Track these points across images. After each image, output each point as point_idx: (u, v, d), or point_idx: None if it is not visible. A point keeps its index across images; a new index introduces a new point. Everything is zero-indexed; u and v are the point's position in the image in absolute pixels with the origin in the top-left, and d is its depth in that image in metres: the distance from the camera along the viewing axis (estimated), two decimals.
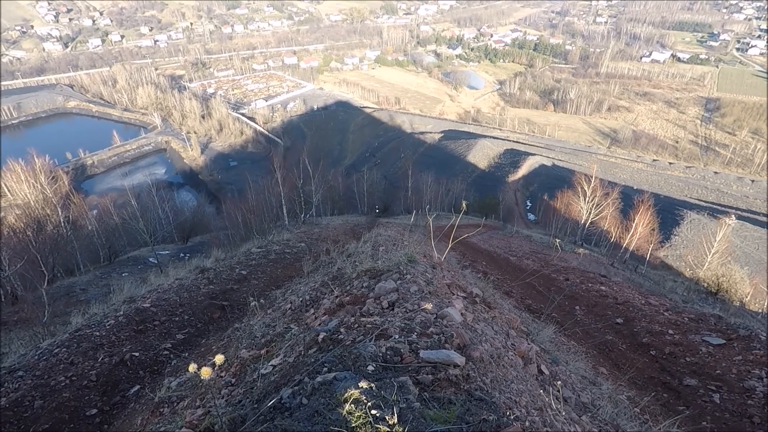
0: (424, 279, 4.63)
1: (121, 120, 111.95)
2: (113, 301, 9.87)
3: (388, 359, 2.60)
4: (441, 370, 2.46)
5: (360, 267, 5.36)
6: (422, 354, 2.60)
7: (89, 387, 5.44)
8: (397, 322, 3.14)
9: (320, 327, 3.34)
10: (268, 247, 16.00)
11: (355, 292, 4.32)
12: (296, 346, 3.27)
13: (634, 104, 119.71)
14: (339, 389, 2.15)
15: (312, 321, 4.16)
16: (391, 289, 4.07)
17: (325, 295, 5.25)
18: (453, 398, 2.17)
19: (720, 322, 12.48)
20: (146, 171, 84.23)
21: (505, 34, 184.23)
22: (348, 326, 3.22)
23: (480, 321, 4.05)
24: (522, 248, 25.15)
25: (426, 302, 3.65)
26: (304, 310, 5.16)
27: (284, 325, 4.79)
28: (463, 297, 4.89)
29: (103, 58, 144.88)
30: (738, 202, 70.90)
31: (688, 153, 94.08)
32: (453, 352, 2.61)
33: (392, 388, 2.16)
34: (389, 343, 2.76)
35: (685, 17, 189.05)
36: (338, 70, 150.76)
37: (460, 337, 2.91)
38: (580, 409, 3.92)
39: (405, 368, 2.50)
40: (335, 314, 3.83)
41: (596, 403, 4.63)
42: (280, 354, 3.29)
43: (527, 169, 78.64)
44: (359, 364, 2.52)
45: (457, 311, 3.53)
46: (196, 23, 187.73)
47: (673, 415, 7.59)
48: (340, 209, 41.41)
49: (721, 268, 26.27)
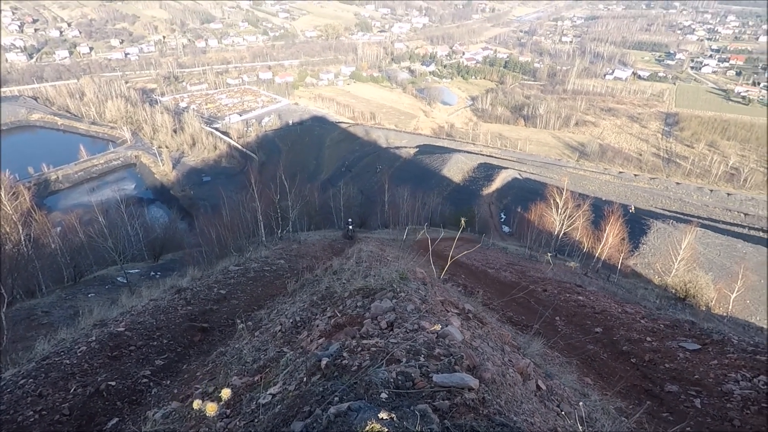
0: (418, 297, 4.55)
1: (89, 134, 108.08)
2: (83, 324, 9.34)
3: (399, 385, 2.48)
4: (456, 394, 2.37)
5: (352, 285, 5.22)
6: (435, 378, 2.50)
7: (62, 422, 5.03)
8: (402, 345, 3.03)
9: (321, 352, 3.20)
10: (247, 264, 15.61)
11: (350, 312, 4.20)
12: (296, 372, 3.12)
13: (599, 119, 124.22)
14: (357, 421, 2.01)
15: (308, 344, 4.00)
16: (387, 308, 3.97)
17: (317, 315, 5.09)
18: (475, 425, 2.07)
19: (694, 327, 12.85)
20: (115, 186, 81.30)
21: (477, 51, 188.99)
22: (351, 350, 3.09)
23: (476, 338, 3.99)
24: (499, 260, 25.40)
25: (425, 321, 3.57)
26: (296, 333, 4.97)
27: (276, 348, 4.59)
28: (457, 314, 4.84)
29: (70, 70, 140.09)
30: (699, 211, 73.88)
31: (652, 165, 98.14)
32: (466, 375, 2.52)
33: (413, 417, 2.04)
34: (399, 368, 2.64)
35: (644, 38, 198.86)
36: (313, 86, 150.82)
37: (469, 359, 2.83)
38: (580, 425, 3.89)
39: (419, 394, 2.39)
40: (333, 337, 3.70)
41: (593, 416, 4.63)
42: (278, 382, 3.12)
43: (501, 182, 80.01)
44: (372, 391, 2.39)
45: (456, 330, 3.47)
46: (169, 37, 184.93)
47: (659, 422, 7.69)
48: (317, 224, 40.97)
49: (687, 274, 27.25)
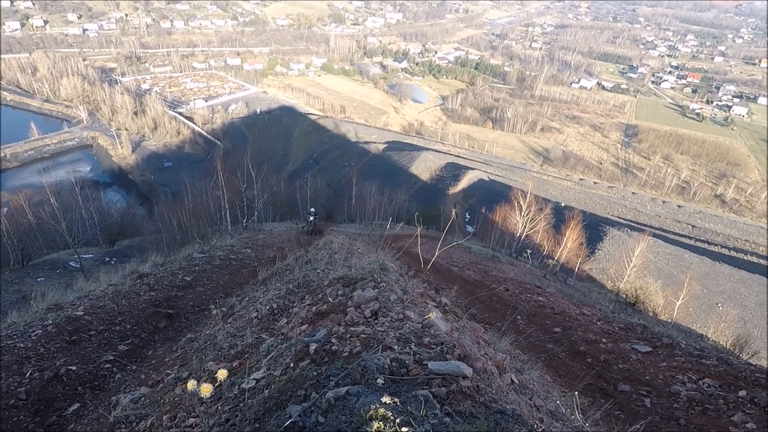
0: (399, 288, 4.57)
1: (41, 111, 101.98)
2: (35, 308, 8.84)
3: (394, 371, 2.47)
4: (451, 382, 2.38)
5: (331, 275, 5.18)
6: (431, 366, 2.51)
7: (17, 406, 4.72)
8: (391, 333, 3.04)
9: (308, 338, 3.15)
10: (212, 252, 15.19)
11: (331, 300, 4.16)
12: (280, 358, 3.06)
13: (564, 126, 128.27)
14: (359, 405, 1.99)
15: (289, 331, 3.94)
16: (371, 297, 3.96)
17: (294, 303, 5.02)
18: (474, 411, 2.09)
19: (646, 330, 13.53)
20: (69, 168, 77.18)
21: (449, 51, 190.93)
22: (339, 337, 3.06)
23: (456, 330, 4.05)
24: (462, 259, 25.84)
25: (409, 311, 3.59)
26: (274, 320, 4.88)
27: (255, 335, 4.48)
28: (435, 306, 4.89)
29: (21, 43, 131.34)
30: (652, 221, 77.64)
31: (611, 174, 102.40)
32: (462, 363, 2.55)
33: (416, 402, 2.04)
34: (393, 355, 2.64)
35: (609, 49, 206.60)
36: (283, 75, 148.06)
37: (461, 348, 2.87)
38: (551, 417, 4.04)
39: (414, 381, 2.40)
40: (317, 324, 3.65)
41: (560, 411, 4.81)
42: (261, 367, 3.05)
43: (467, 182, 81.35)
44: (368, 377, 2.37)
45: (441, 321, 3.51)
46: (132, 15, 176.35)
47: (612, 419, 8.07)
48: (282, 216, 40.40)
49: (638, 281, 28.61)
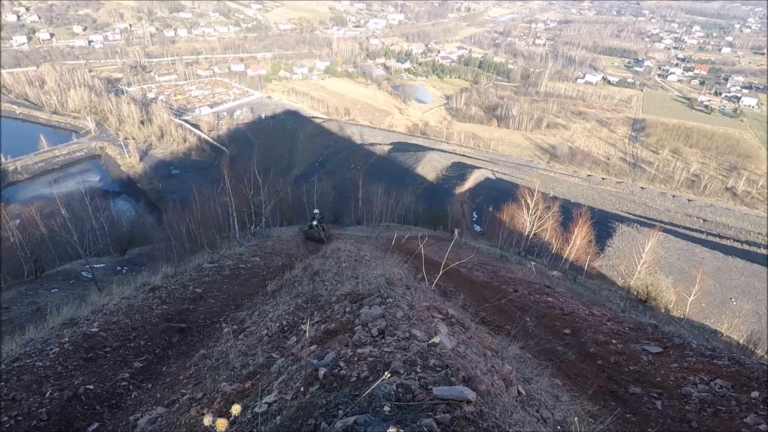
0: (406, 303, 4.64)
1: (50, 123, 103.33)
2: (51, 324, 9.02)
3: (400, 397, 2.56)
4: (455, 407, 2.46)
5: (338, 290, 5.28)
6: (435, 391, 2.59)
7: (40, 428, 4.86)
8: (397, 355, 3.12)
9: (316, 361, 3.25)
10: (221, 262, 15.35)
11: (339, 318, 4.26)
12: (291, 381, 3.15)
13: (570, 122, 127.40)
14: None
15: (298, 351, 4.04)
16: (377, 315, 4.05)
17: (304, 320, 5.12)
18: None
19: (656, 330, 13.44)
20: (78, 178, 78.29)
21: (452, 50, 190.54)
22: (347, 360, 3.14)
23: (462, 344, 4.13)
24: (470, 260, 25.81)
25: (415, 329, 3.67)
26: (284, 338, 4.99)
27: (266, 354, 4.59)
28: (442, 319, 4.97)
29: (29, 56, 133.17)
30: (662, 216, 76.94)
31: (619, 169, 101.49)
32: (465, 388, 2.62)
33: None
34: (399, 380, 2.72)
35: (614, 43, 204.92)
36: (287, 80, 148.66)
37: (464, 370, 2.94)
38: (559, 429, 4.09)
39: (419, 407, 2.48)
40: (325, 344, 3.75)
41: (568, 420, 4.85)
42: (272, 390, 3.15)
43: (473, 181, 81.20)
44: (375, 404, 2.45)
45: (446, 337, 3.59)
46: (136, 25, 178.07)
47: (624, 423, 8.07)
48: (290, 220, 40.62)
49: (649, 277, 28.35)
